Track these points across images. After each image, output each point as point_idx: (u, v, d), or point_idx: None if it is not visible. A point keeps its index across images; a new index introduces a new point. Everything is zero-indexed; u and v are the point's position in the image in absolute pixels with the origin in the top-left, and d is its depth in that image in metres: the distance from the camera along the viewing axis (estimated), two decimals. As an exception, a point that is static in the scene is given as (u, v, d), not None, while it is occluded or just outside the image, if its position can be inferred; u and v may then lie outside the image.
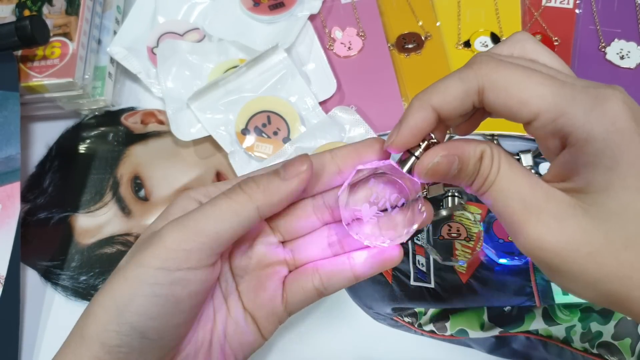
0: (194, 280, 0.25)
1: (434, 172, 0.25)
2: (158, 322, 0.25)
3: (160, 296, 0.25)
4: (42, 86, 0.47)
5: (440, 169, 0.25)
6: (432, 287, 0.42)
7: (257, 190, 0.26)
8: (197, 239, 0.25)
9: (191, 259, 0.25)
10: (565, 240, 0.22)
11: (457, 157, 0.24)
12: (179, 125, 0.48)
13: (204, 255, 0.25)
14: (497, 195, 0.24)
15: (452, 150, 0.24)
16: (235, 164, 0.46)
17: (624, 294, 0.22)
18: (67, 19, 0.49)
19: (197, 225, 0.25)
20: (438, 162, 0.24)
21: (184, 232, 0.25)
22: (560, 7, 0.53)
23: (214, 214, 0.25)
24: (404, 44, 0.52)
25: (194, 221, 0.25)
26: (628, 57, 0.49)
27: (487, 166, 0.24)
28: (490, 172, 0.24)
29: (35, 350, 0.42)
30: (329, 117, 0.47)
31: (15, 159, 0.44)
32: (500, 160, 0.24)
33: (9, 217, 0.43)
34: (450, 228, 0.42)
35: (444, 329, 0.41)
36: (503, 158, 0.24)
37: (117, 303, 0.25)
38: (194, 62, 0.51)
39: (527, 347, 0.40)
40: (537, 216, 0.23)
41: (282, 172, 0.27)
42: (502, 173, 0.24)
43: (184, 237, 0.25)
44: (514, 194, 0.23)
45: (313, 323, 0.42)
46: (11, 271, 0.41)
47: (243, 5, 0.53)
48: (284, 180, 0.26)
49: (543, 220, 0.23)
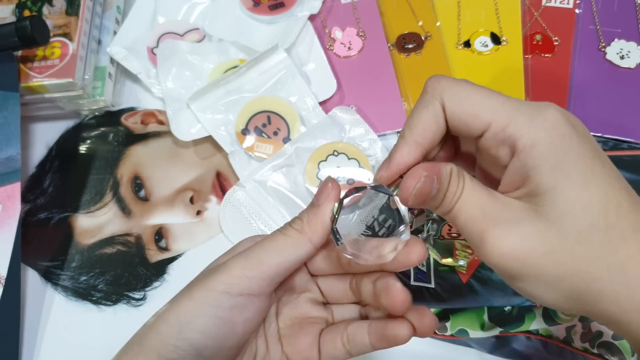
0: (251, 307, 0.28)
1: (419, 194, 0.25)
2: (214, 341, 0.27)
3: (220, 318, 0.27)
4: (42, 86, 0.47)
5: (425, 190, 0.25)
6: (432, 287, 0.42)
7: (303, 224, 0.29)
8: (259, 268, 0.27)
9: (252, 286, 0.27)
10: (521, 244, 0.23)
11: (435, 176, 0.25)
12: (179, 126, 0.48)
13: (263, 284, 0.28)
14: (461, 208, 0.25)
15: (430, 169, 0.25)
16: (236, 164, 0.46)
17: (584, 289, 0.23)
18: (67, 19, 0.49)
19: (259, 257, 0.28)
20: (423, 183, 0.25)
21: (248, 262, 0.28)
22: (560, 7, 0.53)
23: (273, 247, 0.28)
24: (404, 44, 0.52)
25: (256, 254, 0.28)
26: (628, 57, 0.49)
27: (455, 183, 0.25)
28: (457, 188, 0.25)
29: (36, 350, 0.42)
30: (329, 117, 0.47)
31: (16, 159, 0.44)
32: (464, 178, 0.26)
33: (10, 217, 0.43)
34: (451, 228, 0.42)
35: (444, 329, 0.41)
36: (466, 174, 0.26)
37: (181, 320, 0.27)
38: (194, 63, 0.51)
39: (528, 347, 0.40)
40: (495, 224, 0.24)
41: (316, 200, 0.29)
42: (466, 188, 0.25)
43: (247, 266, 0.28)
44: (476, 205, 0.25)
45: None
46: (11, 271, 0.41)
47: (243, 5, 0.53)
48: (319, 205, 0.28)
49: (500, 227, 0.24)
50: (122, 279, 0.44)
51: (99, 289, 0.44)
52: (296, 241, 0.28)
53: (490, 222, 0.24)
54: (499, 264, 0.24)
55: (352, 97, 0.50)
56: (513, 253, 0.23)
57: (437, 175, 0.25)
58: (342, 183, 0.29)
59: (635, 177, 0.45)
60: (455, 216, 0.26)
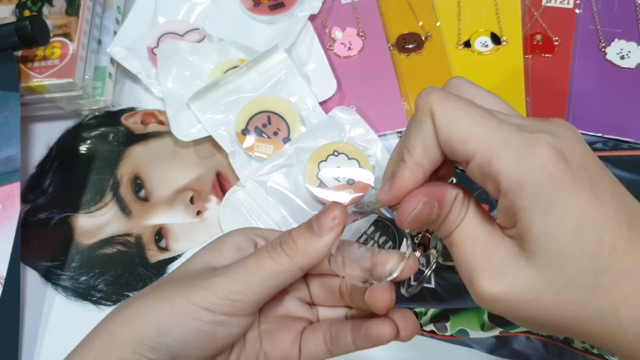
0: (235, 325, 0.28)
1: (416, 220, 0.24)
2: (193, 351, 0.27)
3: (201, 332, 0.27)
4: (42, 86, 0.47)
5: (422, 217, 0.24)
6: (433, 287, 0.42)
7: (297, 251, 0.27)
8: (244, 292, 0.27)
9: (236, 308, 0.27)
10: (507, 291, 0.23)
11: (436, 202, 0.24)
12: (179, 126, 0.48)
13: (247, 307, 0.28)
14: (457, 239, 0.25)
15: (432, 195, 0.24)
16: (236, 164, 0.46)
17: (574, 330, 0.23)
18: (67, 19, 0.49)
19: (245, 280, 0.27)
20: (421, 210, 0.24)
21: (233, 285, 0.27)
22: (560, 7, 0.53)
23: (259, 272, 0.27)
24: (404, 44, 0.52)
25: (242, 276, 0.27)
26: (628, 57, 0.49)
27: (457, 210, 0.25)
28: (458, 217, 0.25)
29: (36, 350, 0.42)
30: (329, 117, 0.47)
31: (16, 159, 0.44)
32: (468, 206, 0.25)
33: (9, 217, 0.43)
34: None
35: (445, 329, 0.41)
36: (472, 203, 0.25)
37: (160, 326, 0.27)
38: (194, 63, 0.51)
39: (528, 347, 0.40)
40: (483, 268, 0.24)
41: (316, 228, 0.27)
42: (467, 218, 0.25)
43: (232, 289, 0.27)
44: (471, 240, 0.24)
45: (313, 323, 0.42)
46: (11, 271, 0.41)
47: (243, 5, 0.53)
48: (320, 237, 0.27)
49: (488, 272, 0.23)
50: (122, 279, 0.44)
51: (99, 289, 0.44)
52: (284, 268, 0.27)
53: (479, 264, 0.24)
54: (485, 306, 0.24)
55: (352, 97, 0.50)
56: (499, 300, 0.23)
57: (439, 201, 0.24)
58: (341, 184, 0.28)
59: (635, 177, 0.45)
60: (450, 244, 0.25)
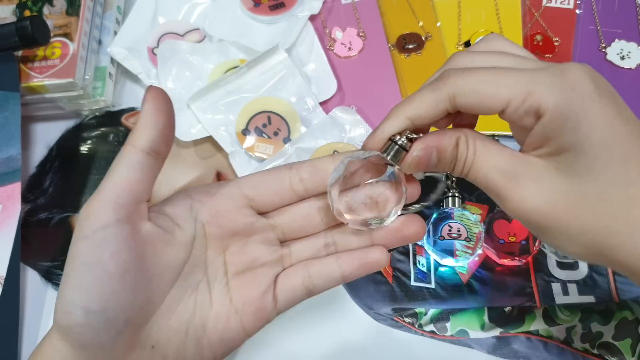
0: (111, 240, 0.26)
1: (416, 164, 0.27)
2: (94, 292, 0.25)
3: (86, 264, 0.25)
4: (42, 86, 0.47)
5: (421, 162, 0.27)
6: (433, 287, 0.42)
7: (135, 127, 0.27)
8: (96, 197, 0.26)
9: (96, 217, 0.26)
10: (544, 199, 0.25)
11: (434, 148, 0.27)
12: (179, 126, 0.47)
13: (106, 208, 0.26)
14: (477, 173, 0.26)
15: (430, 142, 0.27)
16: (236, 165, 0.46)
17: (603, 242, 0.24)
18: (68, 19, 0.49)
19: (100, 188, 0.26)
20: (418, 156, 0.27)
21: (92, 199, 0.26)
22: (560, 7, 0.53)
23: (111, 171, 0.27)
24: (404, 44, 0.52)
25: (98, 187, 0.26)
26: (628, 58, 0.49)
27: (463, 151, 0.26)
28: (467, 156, 0.26)
29: (36, 350, 0.42)
30: (330, 117, 0.47)
31: (16, 159, 0.44)
32: (475, 143, 0.26)
33: (10, 217, 0.43)
34: (451, 228, 0.42)
35: (445, 330, 0.41)
36: (478, 140, 0.26)
37: (62, 283, 0.26)
38: (194, 63, 0.51)
39: (528, 347, 0.40)
40: (517, 181, 0.25)
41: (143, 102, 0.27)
42: (478, 154, 0.26)
43: (90, 202, 0.26)
44: (492, 168, 0.26)
45: (313, 324, 0.42)
46: (11, 272, 0.41)
47: (243, 5, 0.53)
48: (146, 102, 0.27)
49: (522, 184, 0.25)
50: (122, 279, 0.44)
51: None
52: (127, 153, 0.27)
53: (510, 181, 0.25)
54: (523, 218, 0.25)
55: (352, 98, 0.50)
56: (536, 208, 0.25)
57: (437, 147, 0.27)
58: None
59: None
60: (474, 179, 0.27)
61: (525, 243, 0.41)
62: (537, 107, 0.24)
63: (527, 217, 0.25)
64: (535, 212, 0.25)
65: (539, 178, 0.25)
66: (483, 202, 0.45)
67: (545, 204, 0.25)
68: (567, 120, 0.24)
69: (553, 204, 0.24)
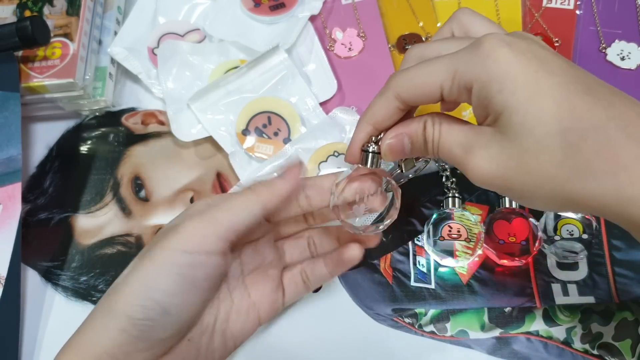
0: (209, 264, 0.30)
1: (391, 151, 0.30)
2: (178, 299, 0.29)
3: (181, 275, 0.29)
4: (42, 87, 0.47)
5: (395, 149, 0.30)
6: (432, 287, 0.42)
7: (264, 190, 0.31)
8: (212, 226, 0.30)
9: (208, 243, 0.29)
10: (496, 163, 0.26)
11: (404, 134, 0.30)
12: (179, 126, 0.48)
13: (218, 241, 0.30)
14: (443, 150, 0.28)
15: (399, 130, 0.30)
16: (236, 165, 0.46)
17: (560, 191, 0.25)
18: (68, 19, 0.49)
19: (214, 215, 0.30)
20: (390, 144, 0.30)
21: (202, 221, 0.30)
22: (560, 8, 0.53)
23: (227, 207, 0.30)
24: (404, 44, 0.52)
25: (211, 213, 0.30)
26: (629, 58, 0.49)
27: (430, 132, 0.29)
28: (434, 136, 0.28)
29: (36, 351, 0.42)
30: (330, 117, 0.47)
31: (16, 159, 0.44)
32: (440, 123, 0.28)
33: (10, 217, 0.43)
34: (451, 229, 0.42)
35: (445, 330, 0.41)
36: (443, 121, 0.29)
37: (145, 281, 0.29)
38: (194, 63, 0.51)
39: (528, 348, 0.40)
40: (472, 152, 0.27)
41: (282, 174, 0.33)
42: (442, 132, 0.28)
43: (201, 225, 0.30)
44: (454, 143, 0.28)
45: (313, 324, 0.42)
46: (11, 272, 0.41)
47: (244, 5, 0.53)
48: (283, 179, 0.32)
49: (476, 152, 0.27)
50: (123, 279, 0.45)
51: (99, 290, 0.44)
52: (250, 203, 0.31)
53: (468, 151, 0.27)
54: (485, 185, 0.27)
55: (352, 98, 0.50)
56: (492, 173, 0.26)
57: (407, 133, 0.29)
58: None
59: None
60: (443, 156, 0.29)
61: (525, 244, 0.41)
62: (464, 82, 0.26)
63: (488, 183, 0.27)
64: (492, 177, 0.26)
65: (488, 145, 0.26)
66: (483, 203, 0.45)
67: (498, 167, 0.26)
68: (491, 85, 0.25)
69: (504, 166, 0.26)
